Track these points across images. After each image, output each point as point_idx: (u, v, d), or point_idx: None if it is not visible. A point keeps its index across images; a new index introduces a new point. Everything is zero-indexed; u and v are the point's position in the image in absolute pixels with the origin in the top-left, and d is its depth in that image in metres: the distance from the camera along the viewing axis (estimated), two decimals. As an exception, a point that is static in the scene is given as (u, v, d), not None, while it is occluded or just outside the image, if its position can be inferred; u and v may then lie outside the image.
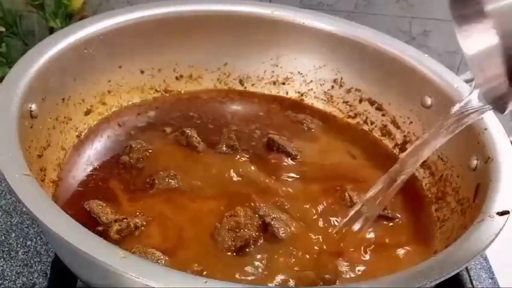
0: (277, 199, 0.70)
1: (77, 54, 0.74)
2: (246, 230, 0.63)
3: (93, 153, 0.74)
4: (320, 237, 0.66)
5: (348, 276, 0.63)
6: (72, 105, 0.74)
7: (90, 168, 0.72)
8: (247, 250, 0.63)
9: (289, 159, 0.76)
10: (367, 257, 0.65)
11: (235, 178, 0.72)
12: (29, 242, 0.73)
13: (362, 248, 0.66)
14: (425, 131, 0.78)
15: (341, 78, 0.86)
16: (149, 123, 0.80)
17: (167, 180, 0.70)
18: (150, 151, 0.74)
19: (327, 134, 0.82)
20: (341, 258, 0.64)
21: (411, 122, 0.80)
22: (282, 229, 0.66)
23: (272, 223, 0.66)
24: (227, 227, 0.63)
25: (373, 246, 0.67)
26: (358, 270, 0.63)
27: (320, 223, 0.68)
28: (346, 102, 0.86)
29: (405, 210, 0.72)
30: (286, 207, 0.69)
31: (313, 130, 0.82)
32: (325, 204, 0.70)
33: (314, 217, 0.69)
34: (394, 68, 0.80)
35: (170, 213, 0.66)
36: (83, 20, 0.78)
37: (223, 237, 0.63)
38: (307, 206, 0.70)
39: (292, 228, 0.66)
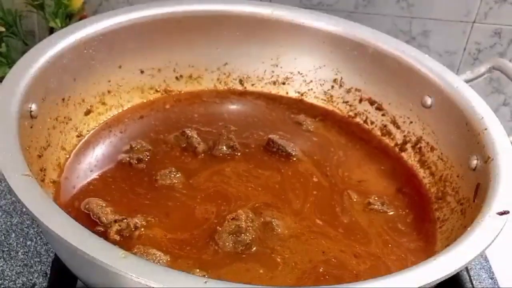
0: (277, 198, 0.70)
1: (77, 54, 0.74)
2: (247, 235, 0.63)
3: (94, 154, 0.74)
4: (321, 235, 0.66)
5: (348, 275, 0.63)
6: (72, 105, 0.75)
7: (90, 168, 0.72)
8: (249, 251, 0.63)
9: (289, 159, 0.76)
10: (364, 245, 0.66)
11: (236, 179, 0.72)
12: (29, 242, 0.73)
13: (361, 248, 0.66)
14: (425, 131, 0.78)
15: (341, 78, 0.86)
16: (149, 123, 0.80)
17: (169, 177, 0.70)
18: (150, 151, 0.74)
19: (327, 134, 0.82)
20: (342, 258, 0.64)
21: (411, 122, 0.80)
22: (283, 228, 0.66)
23: (273, 222, 0.66)
24: (228, 231, 0.63)
25: (373, 246, 0.67)
26: (358, 269, 0.63)
27: (321, 222, 0.68)
28: (346, 102, 0.86)
29: (405, 210, 0.72)
30: (287, 206, 0.69)
31: (313, 130, 0.82)
32: (326, 203, 0.70)
33: (315, 216, 0.69)
34: (394, 68, 0.80)
35: (170, 214, 0.66)
36: (83, 20, 0.78)
37: (224, 240, 0.63)
38: (308, 205, 0.70)
39: (293, 227, 0.66)
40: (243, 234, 0.63)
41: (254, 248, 0.63)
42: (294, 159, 0.76)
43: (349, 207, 0.71)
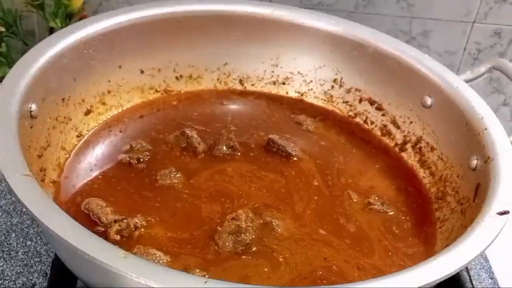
0: (278, 198, 0.70)
1: (77, 54, 0.74)
2: (247, 235, 0.63)
3: (94, 154, 0.74)
4: (321, 235, 0.66)
5: (347, 275, 0.63)
6: (72, 105, 0.75)
7: (90, 168, 0.72)
8: (249, 251, 0.63)
9: (289, 159, 0.76)
10: (367, 256, 0.65)
11: (236, 179, 0.72)
12: (29, 242, 0.73)
13: (365, 260, 0.66)
14: (425, 131, 0.78)
15: (341, 78, 0.86)
16: (149, 123, 0.80)
17: (169, 177, 0.70)
18: (150, 151, 0.74)
19: (327, 134, 0.82)
20: (342, 258, 0.64)
21: (411, 122, 0.80)
22: (283, 227, 0.66)
23: (272, 222, 0.66)
24: (228, 231, 0.63)
25: (373, 246, 0.67)
26: (358, 270, 0.63)
27: (321, 222, 0.68)
28: (346, 102, 0.86)
29: (405, 209, 0.72)
30: (287, 206, 0.69)
31: (313, 130, 0.82)
32: (326, 203, 0.70)
33: (315, 215, 0.69)
34: (394, 68, 0.80)
35: (171, 214, 0.66)
36: (83, 20, 0.78)
37: (224, 240, 0.63)
38: (308, 205, 0.70)
39: (293, 227, 0.66)
40: (243, 234, 0.63)
41: (254, 248, 0.63)
42: (294, 159, 0.76)
43: (352, 213, 0.70)
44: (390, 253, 0.66)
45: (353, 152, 0.80)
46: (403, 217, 0.71)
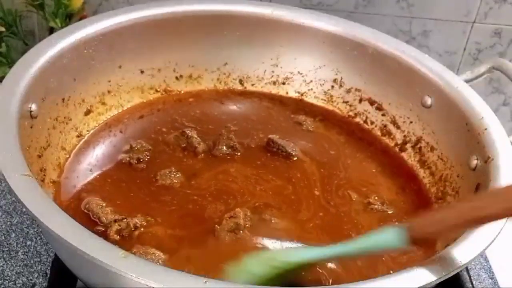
0: (277, 198, 0.70)
1: (77, 54, 0.74)
2: (246, 232, 0.63)
3: (94, 154, 0.74)
4: (321, 235, 0.66)
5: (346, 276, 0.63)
6: (72, 105, 0.75)
7: (90, 168, 0.72)
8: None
9: (289, 159, 0.76)
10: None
11: (235, 178, 0.72)
12: (29, 242, 0.73)
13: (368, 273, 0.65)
14: (425, 131, 0.78)
15: (341, 78, 0.86)
16: (149, 123, 0.80)
17: (169, 177, 0.70)
18: (150, 151, 0.74)
19: (327, 134, 0.82)
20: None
21: (411, 122, 0.80)
22: (282, 227, 0.66)
23: (272, 220, 0.66)
24: (226, 229, 0.63)
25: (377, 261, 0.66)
26: (357, 270, 0.63)
27: (320, 222, 0.68)
28: (346, 102, 0.86)
29: (405, 210, 0.72)
30: (286, 206, 0.69)
31: (313, 130, 0.82)
32: (325, 203, 0.70)
33: (315, 215, 0.69)
34: (394, 68, 0.80)
35: (170, 214, 0.66)
36: (83, 20, 0.78)
37: (222, 239, 0.63)
38: (308, 205, 0.70)
39: (292, 227, 0.66)
40: (241, 231, 0.63)
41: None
42: (295, 159, 0.76)
43: (360, 221, 0.69)
44: (391, 271, 0.64)
45: (353, 152, 0.80)
46: (403, 217, 0.71)
